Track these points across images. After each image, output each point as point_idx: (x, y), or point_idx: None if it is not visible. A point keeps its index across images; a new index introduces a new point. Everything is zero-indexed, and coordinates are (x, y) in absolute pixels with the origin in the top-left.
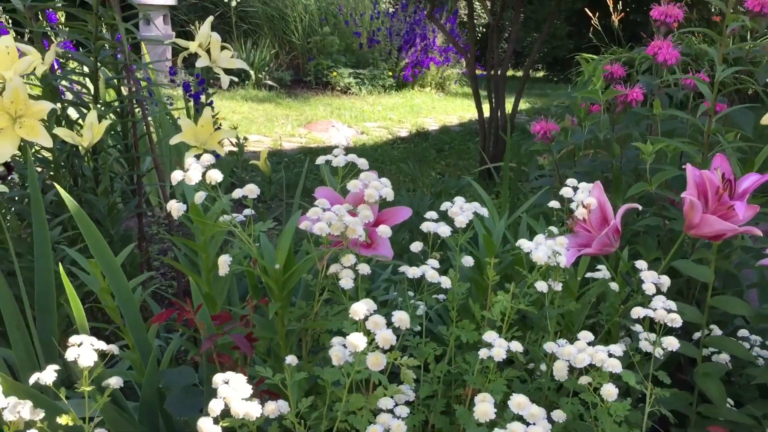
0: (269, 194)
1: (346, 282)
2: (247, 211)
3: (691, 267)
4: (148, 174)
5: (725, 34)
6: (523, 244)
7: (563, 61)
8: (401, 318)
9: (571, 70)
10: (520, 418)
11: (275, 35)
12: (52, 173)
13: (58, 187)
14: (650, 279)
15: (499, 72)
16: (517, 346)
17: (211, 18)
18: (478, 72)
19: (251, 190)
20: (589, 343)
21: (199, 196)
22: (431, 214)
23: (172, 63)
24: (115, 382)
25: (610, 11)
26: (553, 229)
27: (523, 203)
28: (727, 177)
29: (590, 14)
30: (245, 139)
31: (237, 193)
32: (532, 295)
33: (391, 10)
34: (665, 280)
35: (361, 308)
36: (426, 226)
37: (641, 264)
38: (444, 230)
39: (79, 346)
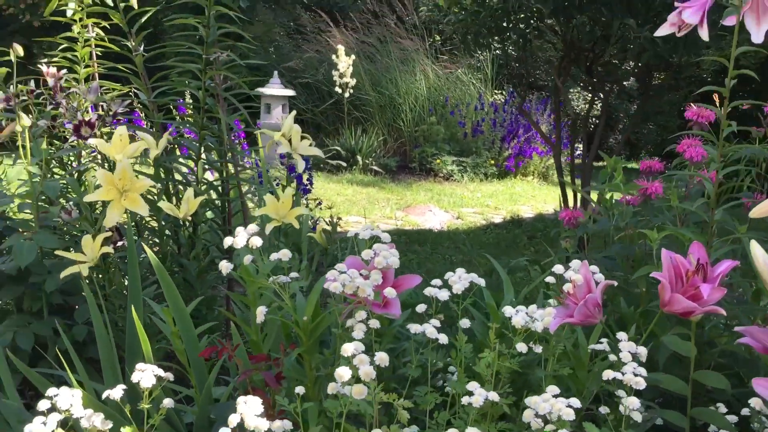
0: (327, 262)
1: (358, 333)
2: (293, 274)
3: (676, 342)
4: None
5: (722, 136)
6: (506, 310)
7: (672, 152)
8: (382, 357)
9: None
10: None
11: (385, 123)
12: (157, 239)
13: (145, 247)
14: (627, 348)
15: (586, 162)
16: (494, 396)
17: (293, 112)
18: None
19: (285, 254)
20: (556, 396)
21: (247, 259)
22: (436, 281)
23: (266, 150)
24: (167, 402)
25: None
26: (551, 301)
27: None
28: (701, 262)
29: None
30: (339, 218)
31: (273, 257)
32: (521, 355)
33: (495, 101)
34: (642, 351)
35: (349, 347)
36: (429, 291)
37: (621, 335)
38: (443, 295)
39: (143, 371)
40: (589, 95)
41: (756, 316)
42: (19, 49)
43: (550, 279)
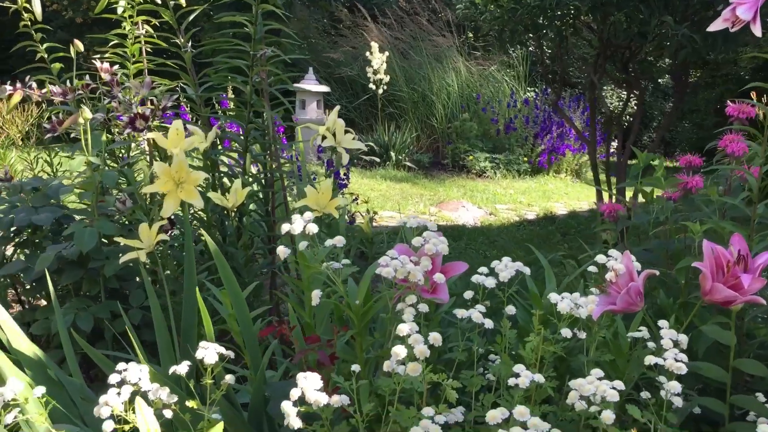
0: (371, 251)
1: (408, 316)
2: (345, 261)
3: (716, 331)
4: (283, 237)
5: (767, 132)
6: (552, 296)
7: (709, 150)
8: (436, 337)
9: (714, 159)
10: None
11: (418, 119)
12: (204, 229)
13: (204, 234)
14: (668, 336)
15: (621, 159)
16: (540, 378)
17: (338, 107)
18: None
19: (340, 240)
20: (600, 379)
21: (303, 245)
22: (482, 269)
23: (310, 143)
24: (229, 378)
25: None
26: (593, 290)
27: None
28: (742, 253)
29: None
30: (375, 213)
31: (328, 243)
32: (565, 340)
33: (528, 97)
34: (683, 338)
35: (405, 327)
36: (476, 278)
37: (663, 323)
38: (490, 282)
39: (206, 349)
40: (623, 93)
41: None
42: (80, 45)
43: (592, 268)
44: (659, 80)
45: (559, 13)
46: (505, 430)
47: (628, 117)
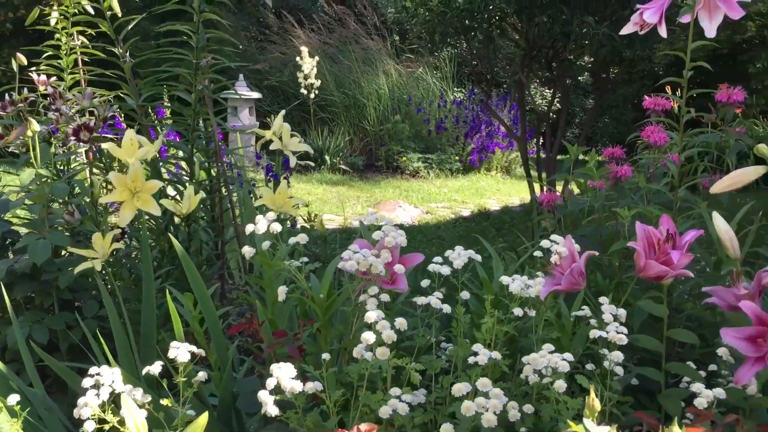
0: (325, 251)
1: (371, 306)
2: (304, 259)
3: (650, 305)
4: (230, 242)
5: (682, 122)
6: (503, 279)
7: (629, 144)
8: (401, 322)
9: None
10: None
11: (351, 123)
12: (155, 238)
13: (173, 239)
14: (608, 311)
15: (550, 155)
16: (497, 355)
17: (283, 111)
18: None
19: (303, 238)
20: (551, 353)
21: (266, 244)
22: (437, 259)
23: (256, 149)
24: (201, 375)
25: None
26: (539, 273)
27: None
28: (671, 232)
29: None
30: (316, 215)
31: (291, 240)
32: (517, 319)
33: (457, 98)
34: (622, 312)
35: (372, 315)
36: (432, 267)
37: (603, 299)
38: (445, 270)
39: (177, 348)
40: (547, 91)
41: (717, 283)
42: (22, 59)
43: (537, 253)
44: (579, 78)
45: (486, 15)
46: (467, 401)
47: (553, 114)
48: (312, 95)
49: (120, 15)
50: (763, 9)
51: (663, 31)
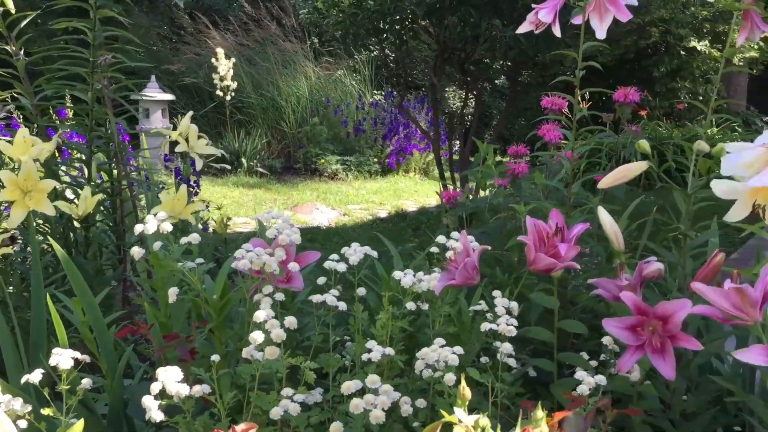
0: (226, 252)
1: (265, 306)
2: (199, 260)
3: (541, 297)
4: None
5: (575, 120)
6: (396, 274)
7: (544, 145)
8: (291, 320)
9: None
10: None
11: (268, 125)
12: (49, 242)
13: (53, 242)
14: (501, 304)
15: (463, 156)
16: (390, 351)
17: (190, 113)
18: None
19: (195, 238)
20: (442, 347)
21: (157, 245)
22: (334, 256)
23: (164, 151)
24: (85, 382)
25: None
26: (436, 269)
27: None
28: (559, 226)
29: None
30: (228, 218)
31: (183, 240)
32: (411, 314)
33: (375, 100)
34: (513, 305)
35: (261, 314)
36: (328, 264)
37: (496, 293)
38: (341, 267)
39: (60, 355)
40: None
41: (610, 275)
42: None
43: (434, 249)
44: (496, 81)
45: (398, 17)
46: (356, 399)
47: (469, 116)
48: (228, 97)
49: (13, 11)
50: (666, 15)
51: (557, 30)
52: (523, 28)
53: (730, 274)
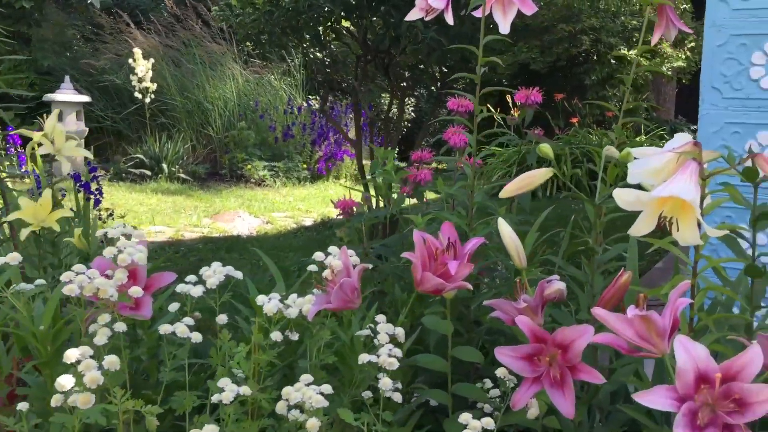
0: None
1: (100, 339)
2: (39, 281)
3: (434, 321)
4: None
5: (476, 122)
6: (259, 299)
7: (449, 150)
8: (111, 361)
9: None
10: None
11: (193, 129)
12: None
13: None
14: (384, 330)
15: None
16: (246, 390)
17: (57, 111)
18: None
19: (14, 258)
20: (308, 384)
21: None
22: (190, 277)
23: (26, 153)
24: None
25: (510, 106)
26: (315, 290)
27: None
28: (451, 241)
29: (492, 110)
30: (134, 228)
31: (1, 261)
32: (280, 346)
33: (305, 104)
34: (399, 332)
35: (73, 353)
36: (181, 288)
37: (380, 318)
38: (196, 291)
39: None
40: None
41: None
42: None
43: (312, 267)
44: (433, 88)
45: (315, 15)
46: None
47: (408, 124)
48: (148, 99)
49: None
50: (596, 24)
51: (449, 17)
52: (412, 15)
53: (636, 297)
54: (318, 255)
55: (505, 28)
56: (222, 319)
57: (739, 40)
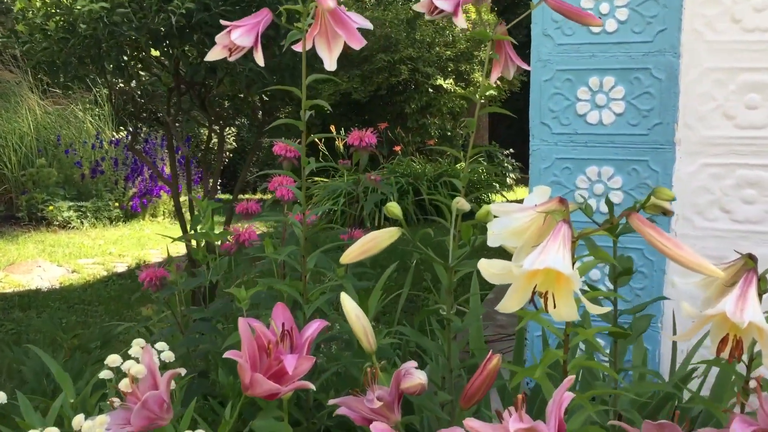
0: None
1: None
2: None
3: (270, 425)
4: None
5: (304, 174)
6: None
7: (277, 200)
8: None
9: (269, 200)
10: None
11: None
12: None
13: None
14: None
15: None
16: None
17: None
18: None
19: None
20: None
21: None
22: None
23: None
24: None
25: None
26: (114, 402)
27: None
28: (287, 328)
29: (318, 141)
30: None
31: None
32: None
33: (116, 138)
34: None
35: None
36: None
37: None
38: None
39: None
40: (232, 130)
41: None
42: None
43: (106, 374)
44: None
45: (118, 44)
46: None
47: (230, 154)
48: None
49: None
50: (414, 54)
51: (259, 58)
52: (213, 55)
53: (515, 400)
54: (113, 359)
55: (331, 64)
56: None
57: (564, 75)
